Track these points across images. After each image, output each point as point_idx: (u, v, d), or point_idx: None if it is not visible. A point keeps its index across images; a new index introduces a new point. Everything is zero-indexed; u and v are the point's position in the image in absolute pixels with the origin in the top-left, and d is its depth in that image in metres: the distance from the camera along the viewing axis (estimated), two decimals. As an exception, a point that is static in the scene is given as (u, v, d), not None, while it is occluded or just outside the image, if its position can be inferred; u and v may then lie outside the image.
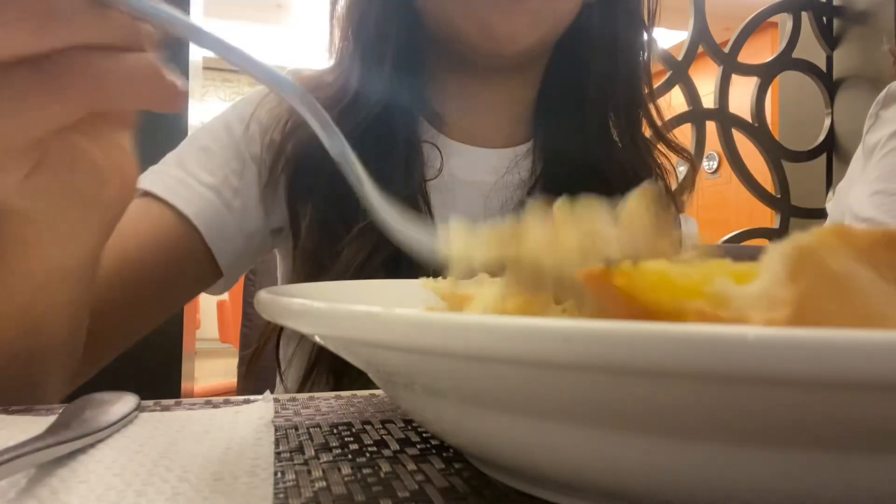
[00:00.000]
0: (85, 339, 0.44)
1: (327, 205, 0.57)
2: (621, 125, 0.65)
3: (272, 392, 0.34)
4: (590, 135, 0.63)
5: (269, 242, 0.64)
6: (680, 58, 1.61)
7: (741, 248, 1.42)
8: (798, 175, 1.75)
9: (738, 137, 1.68)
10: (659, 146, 0.68)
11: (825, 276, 0.15)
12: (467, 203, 0.63)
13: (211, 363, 4.01)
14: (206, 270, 0.58)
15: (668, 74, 1.61)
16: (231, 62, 0.28)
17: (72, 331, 0.42)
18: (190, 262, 0.56)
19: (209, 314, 4.10)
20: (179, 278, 0.57)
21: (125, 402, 0.30)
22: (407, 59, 0.60)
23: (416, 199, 0.58)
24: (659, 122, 0.67)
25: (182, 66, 1.10)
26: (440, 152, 0.62)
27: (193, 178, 0.57)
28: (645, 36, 0.66)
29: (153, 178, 0.56)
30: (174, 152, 0.60)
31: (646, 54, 0.66)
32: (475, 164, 0.64)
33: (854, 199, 1.05)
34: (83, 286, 0.40)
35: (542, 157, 0.65)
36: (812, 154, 1.78)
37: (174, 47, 1.09)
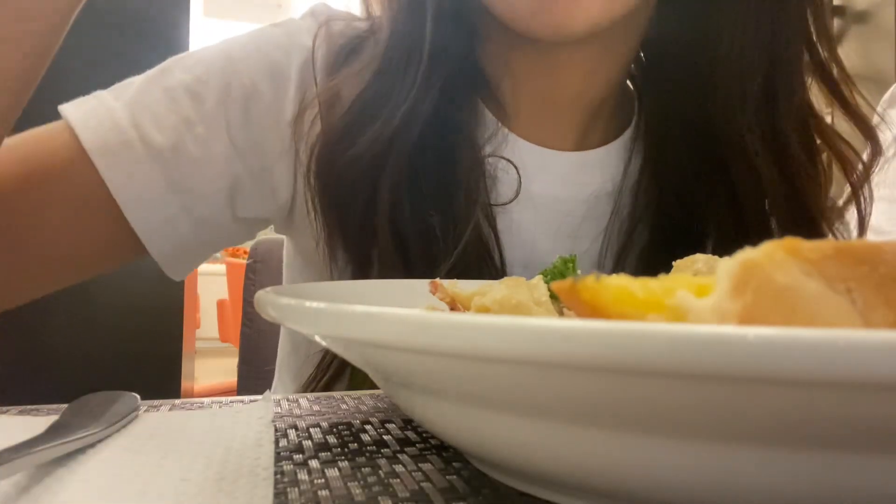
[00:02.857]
0: None
1: (394, 249, 0.44)
2: (770, 100, 0.45)
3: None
4: (709, 123, 0.46)
5: (243, 233, 0.53)
6: (680, 57, 1.61)
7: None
8: (798, 175, 1.75)
9: (738, 137, 1.68)
10: (828, 128, 0.48)
11: (770, 290, 0.15)
12: (542, 224, 0.49)
13: (211, 363, 4.01)
14: (128, 248, 0.47)
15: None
16: None
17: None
18: (104, 235, 0.46)
19: (209, 314, 4.10)
20: (87, 247, 0.47)
21: (125, 402, 0.30)
22: (460, 20, 0.47)
23: (479, 226, 0.46)
24: (841, 85, 0.45)
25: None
26: (516, 169, 0.48)
27: (136, 132, 0.45)
28: None
29: (86, 113, 0.45)
30: (133, 83, 0.47)
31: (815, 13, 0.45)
32: (552, 172, 0.50)
33: None
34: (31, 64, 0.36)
35: (642, 152, 0.51)
36: (812, 154, 1.78)
37: (173, 46, 1.09)
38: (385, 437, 0.28)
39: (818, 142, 0.48)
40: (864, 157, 0.46)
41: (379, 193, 0.45)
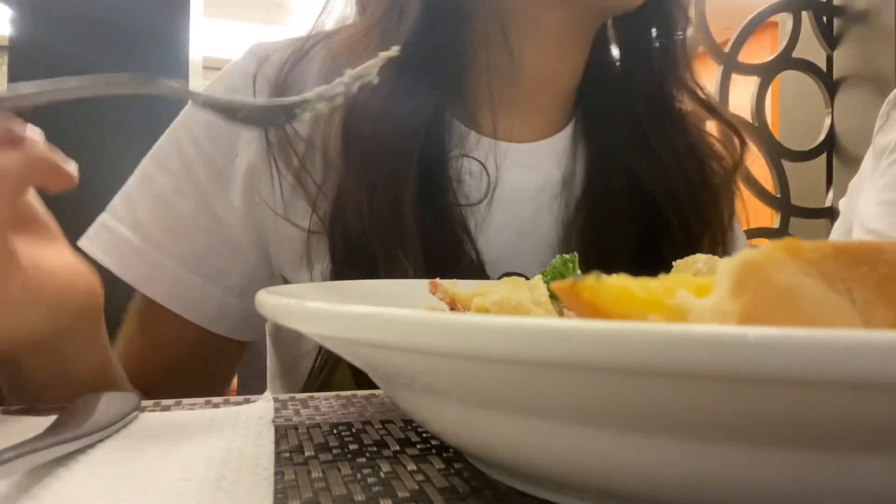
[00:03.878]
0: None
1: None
2: (669, 103, 0.56)
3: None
4: (632, 121, 0.55)
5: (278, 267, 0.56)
6: (680, 57, 1.61)
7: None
8: (798, 175, 1.75)
9: (738, 137, 1.68)
10: (707, 130, 0.59)
11: (770, 290, 0.15)
12: (512, 212, 0.53)
13: (211, 363, 3.98)
14: (216, 341, 0.52)
15: (668, 74, 1.61)
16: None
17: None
18: (195, 344, 0.52)
19: (209, 314, 4.09)
20: (200, 359, 0.53)
21: (125, 402, 0.30)
22: (439, 30, 0.49)
23: (453, 228, 0.49)
24: (703, 97, 0.58)
25: (181, 64, 1.10)
26: (486, 170, 0.51)
27: (156, 250, 0.49)
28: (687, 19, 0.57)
29: (110, 250, 0.49)
30: (127, 199, 0.51)
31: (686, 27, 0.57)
32: (517, 163, 0.54)
33: (863, 205, 1.02)
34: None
35: (582, 145, 0.57)
36: (812, 154, 1.78)
37: (173, 46, 1.09)
38: (385, 437, 0.28)
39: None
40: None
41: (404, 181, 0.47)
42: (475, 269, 0.48)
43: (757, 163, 1.72)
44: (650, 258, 0.51)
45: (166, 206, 0.50)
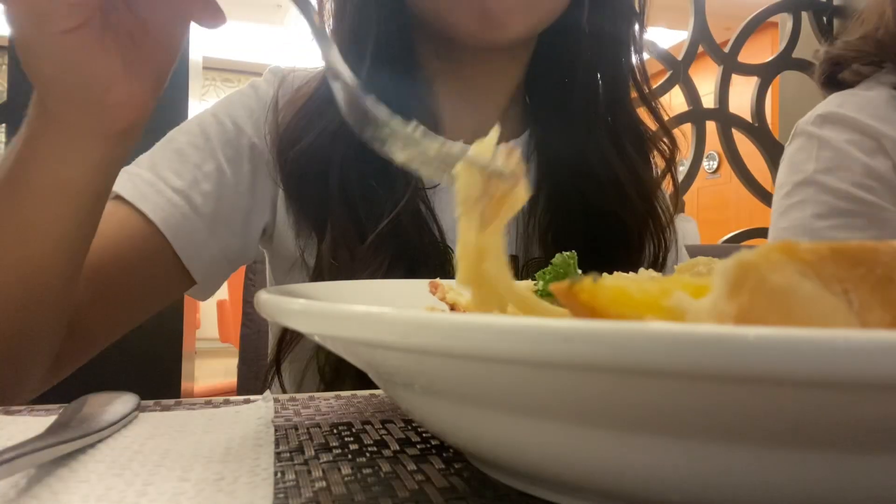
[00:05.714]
0: (65, 330, 0.48)
1: (345, 215, 0.57)
2: (608, 120, 0.67)
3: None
4: (580, 128, 0.65)
5: (252, 246, 0.64)
6: (680, 57, 1.61)
7: (737, 248, 1.41)
8: (798, 175, 1.75)
9: (738, 137, 1.68)
10: (653, 143, 0.70)
11: (765, 291, 0.15)
12: None
13: (211, 363, 4.01)
14: (177, 275, 0.58)
15: (668, 74, 1.61)
16: None
17: (64, 286, 0.45)
18: (158, 267, 0.56)
19: (209, 314, 4.10)
20: (148, 282, 0.57)
21: (125, 402, 0.30)
22: (395, 52, 0.60)
23: (418, 208, 0.58)
24: (650, 99, 0.68)
25: (181, 65, 1.10)
26: None
27: (163, 182, 0.56)
28: (636, 28, 0.66)
29: (123, 180, 0.56)
30: (149, 153, 0.59)
31: (635, 48, 0.67)
32: None
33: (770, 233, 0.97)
34: (80, 222, 0.43)
35: (536, 150, 0.67)
36: (812, 154, 1.78)
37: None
38: (385, 437, 0.28)
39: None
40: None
41: (330, 170, 0.58)
42: (437, 242, 0.58)
43: (757, 163, 1.72)
44: (597, 232, 0.63)
45: (180, 154, 0.59)
